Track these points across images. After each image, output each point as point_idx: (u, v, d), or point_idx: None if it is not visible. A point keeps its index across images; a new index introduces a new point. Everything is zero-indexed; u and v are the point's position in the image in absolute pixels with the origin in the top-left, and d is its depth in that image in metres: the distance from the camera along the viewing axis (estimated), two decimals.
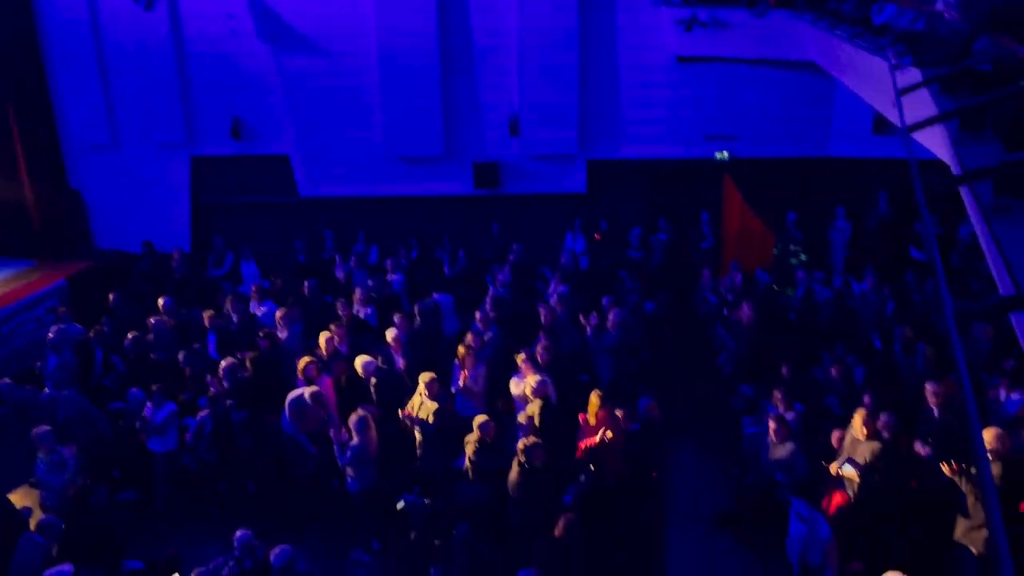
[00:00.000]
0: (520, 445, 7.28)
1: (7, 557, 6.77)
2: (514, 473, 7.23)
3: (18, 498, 8.35)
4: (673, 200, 13.43)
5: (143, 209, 14.10)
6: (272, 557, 6.44)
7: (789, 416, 8.32)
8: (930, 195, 3.02)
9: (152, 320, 10.55)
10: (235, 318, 10.78)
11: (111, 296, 11.57)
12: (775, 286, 11.87)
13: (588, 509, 7.42)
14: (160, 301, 11.12)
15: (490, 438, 7.86)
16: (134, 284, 12.75)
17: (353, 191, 13.79)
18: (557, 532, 6.26)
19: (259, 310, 11.33)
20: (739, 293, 11.22)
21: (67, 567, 6.06)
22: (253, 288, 11.76)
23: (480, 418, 7.96)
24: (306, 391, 8.56)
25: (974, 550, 6.66)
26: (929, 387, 7.79)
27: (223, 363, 9.11)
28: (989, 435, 6.49)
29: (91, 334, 10.66)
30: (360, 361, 9.17)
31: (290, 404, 8.52)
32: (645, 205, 13.54)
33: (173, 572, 7.20)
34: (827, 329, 10.35)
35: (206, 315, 10.74)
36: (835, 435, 7.92)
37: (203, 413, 8.76)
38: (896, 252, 12.00)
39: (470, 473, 7.96)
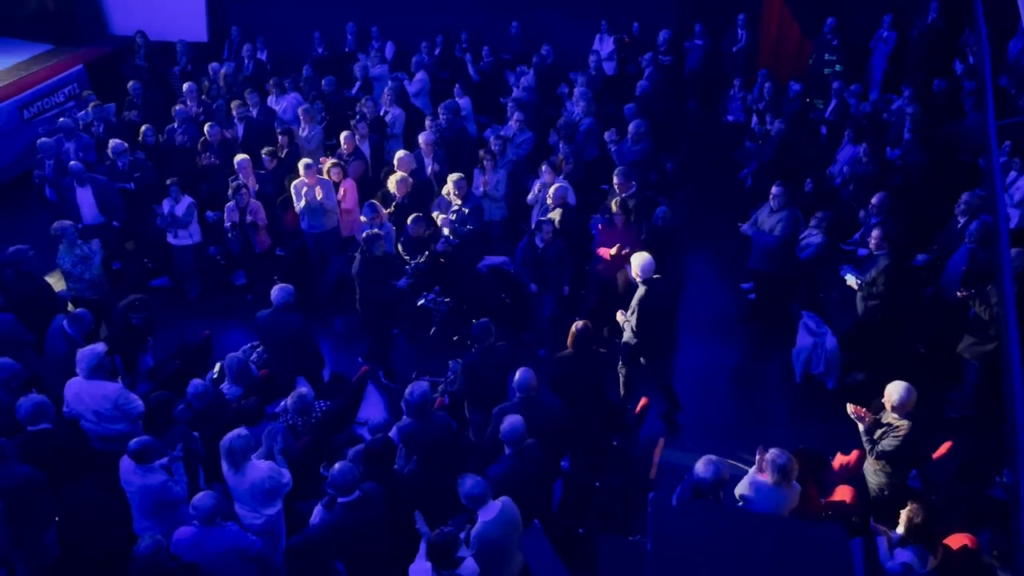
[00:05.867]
0: (364, 235, 7.73)
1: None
2: (357, 262, 7.68)
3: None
4: (710, 2, 12.66)
5: None
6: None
7: (815, 239, 8.30)
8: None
9: (176, 108, 10.42)
10: (254, 111, 10.64)
11: (129, 85, 11.34)
12: (807, 98, 11.44)
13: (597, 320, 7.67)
14: (185, 87, 10.95)
15: (460, 196, 8.30)
16: (135, 76, 12.07)
17: None
18: (568, 342, 6.48)
19: (278, 105, 11.15)
20: (769, 104, 10.87)
21: (100, 346, 6.36)
22: (271, 82, 11.50)
23: (454, 176, 8.35)
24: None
25: (976, 364, 7.06)
26: (964, 196, 7.84)
27: (240, 159, 9.09)
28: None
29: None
30: (399, 154, 9.16)
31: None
32: (680, 6, 12.78)
33: (206, 354, 7.60)
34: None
35: (234, 105, 10.60)
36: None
37: (230, 204, 8.85)
38: (937, 66, 11.42)
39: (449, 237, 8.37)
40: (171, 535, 5.05)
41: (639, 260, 6.98)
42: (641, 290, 6.95)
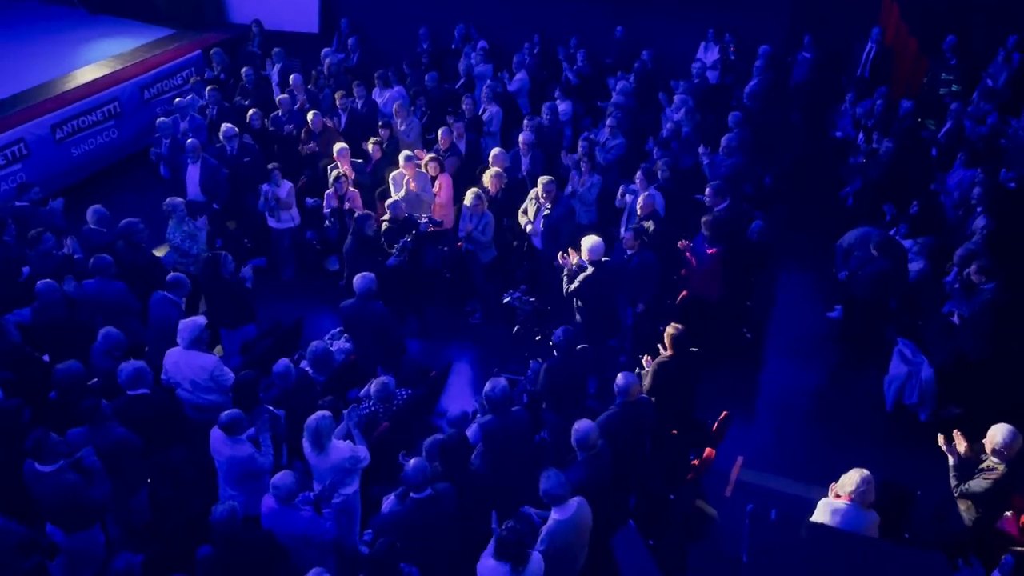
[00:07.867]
0: (356, 214, 7.98)
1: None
2: (349, 240, 7.89)
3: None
4: (822, 13, 12.27)
5: None
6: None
7: (916, 265, 7.98)
8: None
9: (280, 97, 10.76)
10: (360, 103, 10.90)
11: (243, 71, 11.79)
12: (919, 117, 10.98)
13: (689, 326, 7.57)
14: (291, 78, 11.31)
15: (549, 199, 8.28)
16: (249, 63, 12.45)
17: None
18: (668, 345, 6.41)
19: (381, 97, 11.39)
20: (878, 121, 10.48)
21: (201, 319, 6.64)
22: (377, 74, 11.76)
23: (544, 179, 8.32)
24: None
25: None
26: None
27: (339, 147, 9.34)
28: None
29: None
30: (495, 151, 9.25)
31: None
32: (791, 15, 12.43)
33: (297, 335, 7.85)
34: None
35: (338, 95, 10.89)
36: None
37: (329, 191, 9.12)
38: None
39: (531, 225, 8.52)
40: (254, 505, 5.25)
41: (588, 243, 7.25)
42: (588, 270, 7.20)
